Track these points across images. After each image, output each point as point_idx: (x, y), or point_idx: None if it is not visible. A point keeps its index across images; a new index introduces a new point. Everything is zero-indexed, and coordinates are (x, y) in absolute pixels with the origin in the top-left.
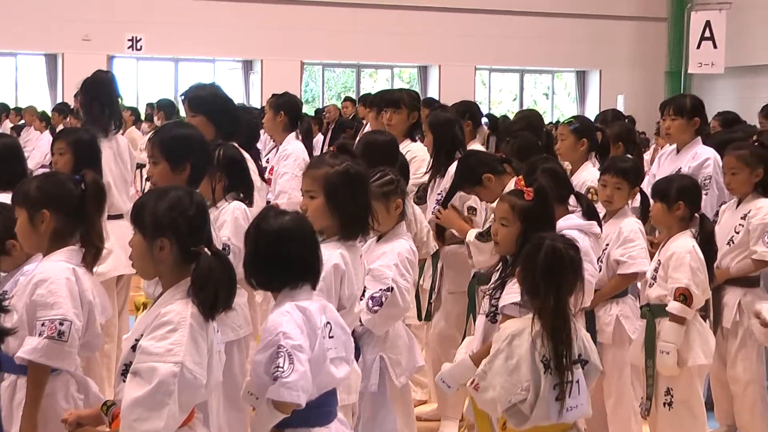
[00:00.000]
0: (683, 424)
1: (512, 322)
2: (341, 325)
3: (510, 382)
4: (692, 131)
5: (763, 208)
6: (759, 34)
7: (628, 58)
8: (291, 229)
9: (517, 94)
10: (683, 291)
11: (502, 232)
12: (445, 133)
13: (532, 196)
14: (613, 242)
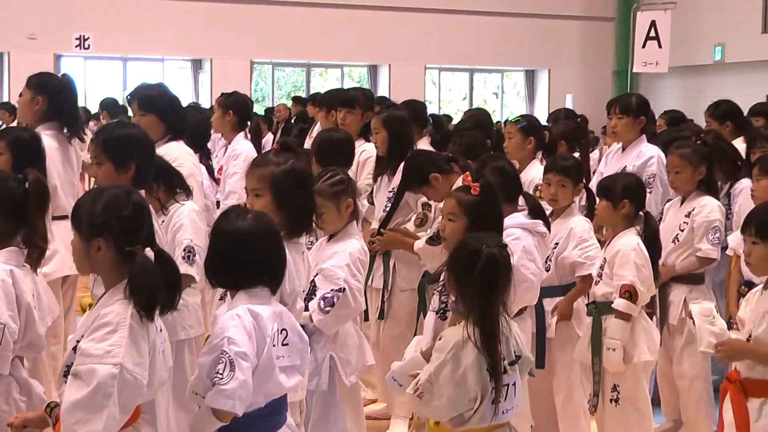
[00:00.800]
0: (630, 419)
1: (453, 331)
2: (299, 333)
3: (457, 393)
4: (638, 130)
5: (707, 206)
6: (703, 33)
7: (577, 57)
8: (251, 230)
9: (467, 93)
10: (628, 288)
11: (449, 228)
12: (400, 131)
13: (478, 192)
14: (564, 241)
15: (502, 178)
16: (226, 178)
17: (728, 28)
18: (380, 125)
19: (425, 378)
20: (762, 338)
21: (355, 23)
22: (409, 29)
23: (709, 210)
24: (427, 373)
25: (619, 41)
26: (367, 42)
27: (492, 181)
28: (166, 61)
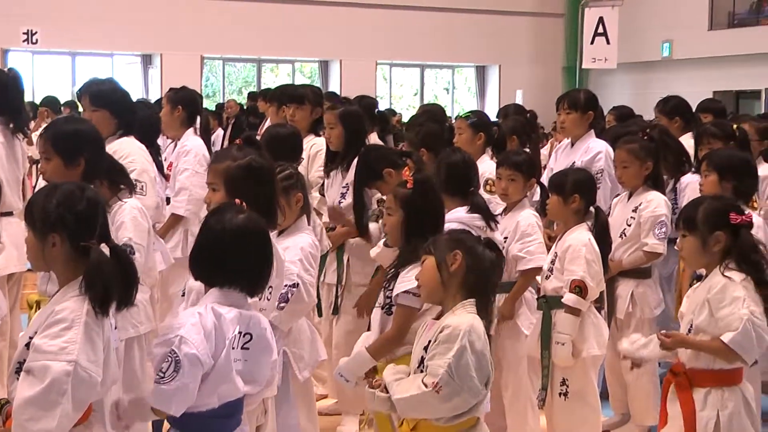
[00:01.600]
0: (578, 413)
1: (458, 318)
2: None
3: (477, 379)
4: (586, 125)
5: (653, 200)
6: (651, 30)
7: (527, 53)
8: (235, 230)
9: (418, 89)
10: (578, 283)
11: (388, 221)
12: (356, 127)
13: (412, 185)
14: (512, 236)
15: (450, 173)
16: (177, 175)
17: (676, 24)
18: (336, 120)
19: (444, 371)
20: (702, 326)
21: (306, 19)
22: (360, 25)
23: (656, 205)
24: (445, 366)
25: (569, 37)
26: (318, 37)
27: (428, 177)
28: (115, 56)
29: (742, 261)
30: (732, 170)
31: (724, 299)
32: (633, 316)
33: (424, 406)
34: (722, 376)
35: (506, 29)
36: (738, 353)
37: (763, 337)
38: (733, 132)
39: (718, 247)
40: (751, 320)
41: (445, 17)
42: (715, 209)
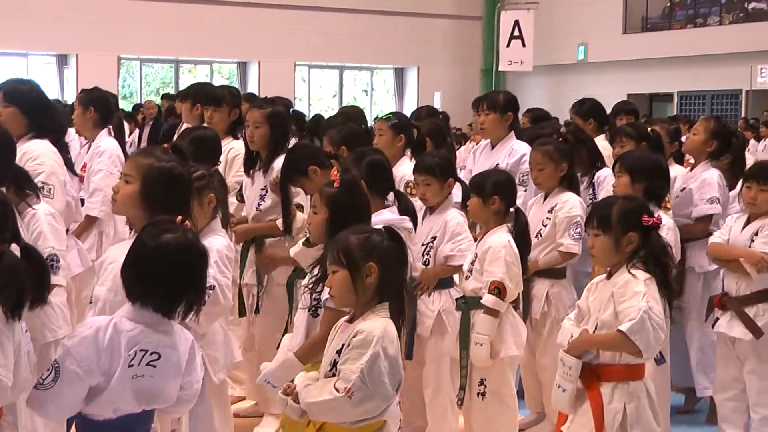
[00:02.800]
0: (496, 413)
1: (372, 323)
2: (175, 365)
3: (389, 385)
4: (505, 126)
5: (568, 201)
6: (567, 33)
7: (445, 55)
8: (159, 249)
9: (336, 91)
10: (497, 284)
11: (313, 220)
12: (282, 128)
13: (338, 185)
14: (441, 236)
15: (374, 173)
16: (91, 176)
17: (591, 28)
18: (263, 120)
19: (356, 376)
20: (607, 322)
21: (224, 19)
22: (278, 26)
23: (571, 206)
24: (357, 371)
25: (486, 40)
26: (236, 38)
27: (355, 177)
28: (30, 56)
29: (651, 262)
30: (644, 172)
31: (625, 293)
32: (548, 316)
33: (335, 411)
34: (627, 370)
35: (424, 31)
36: (634, 342)
37: (659, 332)
38: (647, 134)
39: (630, 248)
40: (648, 313)
41: (363, 19)
42: (629, 210)
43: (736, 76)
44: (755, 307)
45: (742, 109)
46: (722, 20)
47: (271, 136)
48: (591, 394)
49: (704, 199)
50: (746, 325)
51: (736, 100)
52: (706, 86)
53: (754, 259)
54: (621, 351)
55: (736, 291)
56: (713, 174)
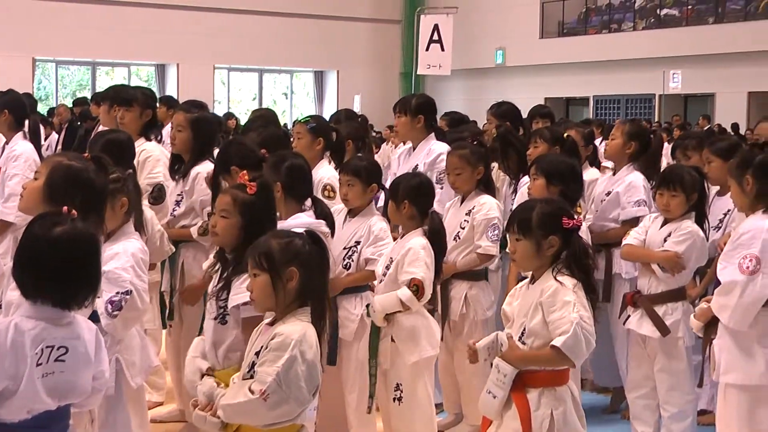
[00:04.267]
0: (413, 416)
1: (290, 327)
2: (84, 355)
3: (307, 389)
4: (417, 128)
5: (486, 204)
6: (485, 38)
7: (365, 58)
8: (48, 241)
9: (256, 94)
10: (417, 282)
11: (221, 224)
12: (206, 134)
13: (254, 190)
14: (365, 240)
15: (294, 177)
16: (6, 180)
17: (508, 33)
18: (186, 124)
19: (272, 379)
20: (536, 330)
21: (141, 21)
22: (197, 29)
23: (488, 208)
24: (273, 374)
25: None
26: (154, 41)
27: (269, 182)
28: None
29: (573, 265)
30: (559, 175)
31: (555, 303)
32: (466, 318)
33: (250, 413)
34: (553, 376)
35: (344, 35)
36: (569, 357)
37: (590, 341)
38: (562, 137)
39: (551, 251)
40: (580, 324)
41: (283, 22)
42: (548, 213)
43: (649, 80)
44: (665, 306)
45: (655, 113)
46: (636, 26)
47: (194, 141)
48: (518, 401)
49: (631, 201)
50: (655, 323)
51: (649, 104)
52: (621, 90)
53: (672, 262)
54: (556, 365)
55: (648, 289)
56: (638, 177)
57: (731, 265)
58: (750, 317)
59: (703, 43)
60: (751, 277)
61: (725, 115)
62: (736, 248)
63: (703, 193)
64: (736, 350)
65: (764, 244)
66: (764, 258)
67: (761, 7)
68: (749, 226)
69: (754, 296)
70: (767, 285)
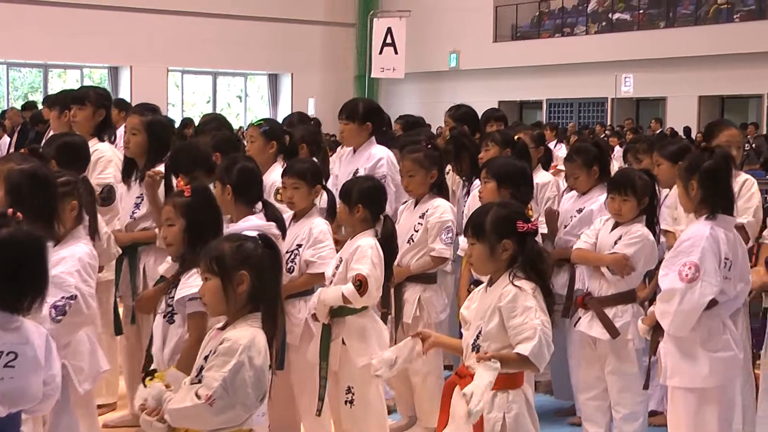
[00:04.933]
0: (366, 419)
1: (240, 332)
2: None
3: (253, 396)
4: (365, 134)
5: (440, 207)
6: (439, 41)
7: (319, 62)
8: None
9: (210, 97)
10: (361, 278)
11: (170, 232)
12: (161, 137)
13: (190, 193)
14: (306, 243)
15: (244, 181)
16: None
17: (462, 36)
18: (141, 127)
19: (218, 384)
20: (492, 334)
21: (94, 24)
22: (150, 31)
23: (442, 211)
24: (220, 379)
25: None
26: (107, 43)
27: (206, 185)
28: None
29: (528, 268)
30: (509, 178)
31: (516, 308)
32: (420, 321)
33: (196, 418)
34: (507, 379)
35: (298, 38)
36: (534, 363)
37: (550, 345)
38: (513, 140)
39: (506, 255)
40: (543, 330)
41: (237, 25)
42: (502, 217)
43: (601, 84)
44: (615, 308)
45: (607, 116)
46: (588, 30)
47: (149, 144)
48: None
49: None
50: (604, 325)
51: (602, 108)
52: (574, 94)
53: (620, 264)
54: (517, 369)
55: (598, 292)
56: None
57: (672, 272)
58: (690, 324)
59: (655, 48)
60: (690, 285)
61: (676, 118)
62: (677, 255)
63: (654, 197)
64: (680, 354)
65: (704, 252)
66: (703, 266)
67: (711, 12)
68: (690, 234)
69: (693, 304)
70: (706, 293)
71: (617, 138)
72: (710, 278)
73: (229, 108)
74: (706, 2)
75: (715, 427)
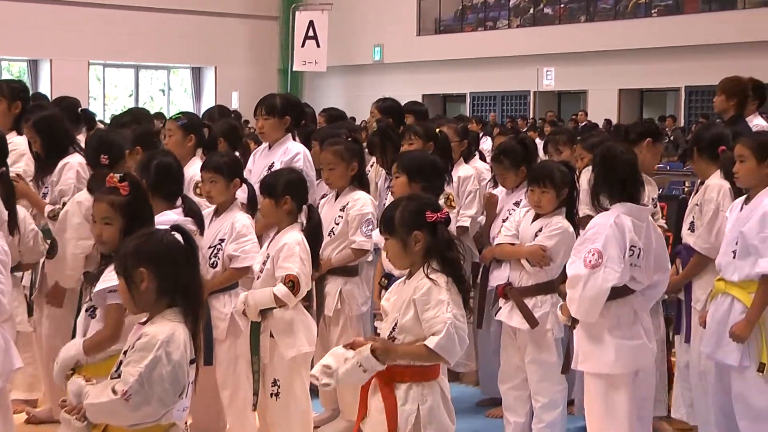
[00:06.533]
0: (290, 411)
1: (158, 327)
2: None
3: (171, 390)
4: (284, 129)
5: (360, 200)
6: (363, 35)
7: (243, 55)
8: None
9: (133, 90)
10: (292, 278)
11: (107, 232)
12: (51, 131)
13: (128, 191)
14: (228, 237)
15: (162, 176)
16: None
17: (386, 30)
18: (32, 132)
19: (134, 379)
20: (407, 326)
21: (13, 16)
22: (71, 24)
23: (362, 204)
24: (136, 375)
25: (283, 40)
26: (26, 35)
27: (138, 179)
28: None
29: (440, 259)
30: (420, 172)
31: (429, 302)
32: (342, 313)
33: (113, 414)
34: (422, 371)
35: (221, 31)
36: (441, 355)
37: (464, 339)
38: (435, 134)
39: (419, 247)
40: (453, 324)
41: (159, 18)
42: (411, 210)
43: (524, 77)
44: (534, 299)
45: (530, 109)
46: (511, 24)
47: (42, 142)
48: (385, 395)
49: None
50: (524, 315)
51: (524, 101)
52: (497, 87)
53: (537, 256)
54: (427, 362)
55: (518, 282)
56: None
57: (578, 259)
58: (596, 309)
59: (576, 42)
60: (593, 270)
61: (597, 111)
62: (583, 243)
63: (573, 188)
64: (589, 340)
65: (607, 239)
66: (606, 252)
67: (630, 7)
68: (596, 222)
69: (597, 289)
70: (608, 279)
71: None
72: (613, 264)
73: (152, 102)
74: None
75: (625, 412)
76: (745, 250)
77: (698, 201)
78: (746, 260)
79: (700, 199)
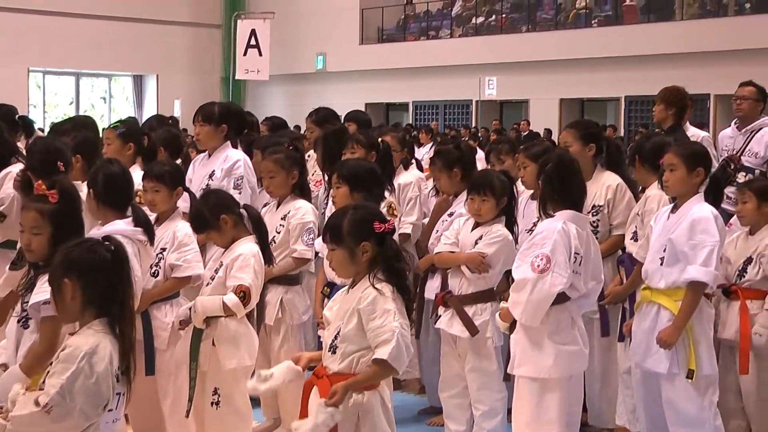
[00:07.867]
0: (229, 421)
1: (82, 339)
2: None
3: (93, 403)
4: (221, 137)
5: (301, 208)
6: (306, 43)
7: (185, 63)
8: None
9: (73, 98)
10: (244, 288)
11: (36, 242)
12: None
13: (57, 198)
14: (170, 246)
15: (110, 186)
16: None
17: (329, 38)
18: None
19: (56, 391)
20: (350, 335)
21: None
22: (10, 30)
23: (304, 212)
24: (58, 386)
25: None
26: None
27: (67, 185)
28: None
29: (386, 269)
30: (360, 180)
31: (375, 311)
32: (282, 323)
33: (34, 426)
34: None
35: (164, 39)
36: (393, 366)
37: (409, 348)
38: (377, 143)
39: (366, 257)
40: (401, 333)
41: (100, 25)
42: (359, 220)
43: (466, 87)
44: (474, 307)
45: (473, 118)
46: (453, 33)
47: None
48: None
49: None
50: (464, 323)
51: (467, 110)
52: (440, 96)
53: (476, 262)
54: (381, 374)
55: (458, 290)
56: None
57: (525, 263)
58: (540, 313)
59: (517, 51)
60: (541, 275)
61: (539, 120)
62: (530, 247)
63: (512, 197)
64: (529, 344)
65: (555, 244)
66: (554, 257)
67: (571, 17)
68: (543, 227)
69: (544, 294)
70: (556, 283)
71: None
72: (561, 270)
73: (93, 109)
74: (565, 8)
75: (556, 415)
76: (674, 257)
77: (639, 211)
78: (674, 267)
79: (641, 209)
